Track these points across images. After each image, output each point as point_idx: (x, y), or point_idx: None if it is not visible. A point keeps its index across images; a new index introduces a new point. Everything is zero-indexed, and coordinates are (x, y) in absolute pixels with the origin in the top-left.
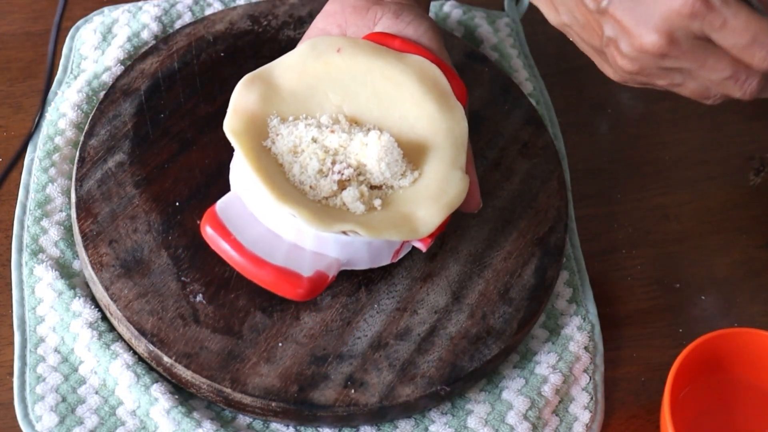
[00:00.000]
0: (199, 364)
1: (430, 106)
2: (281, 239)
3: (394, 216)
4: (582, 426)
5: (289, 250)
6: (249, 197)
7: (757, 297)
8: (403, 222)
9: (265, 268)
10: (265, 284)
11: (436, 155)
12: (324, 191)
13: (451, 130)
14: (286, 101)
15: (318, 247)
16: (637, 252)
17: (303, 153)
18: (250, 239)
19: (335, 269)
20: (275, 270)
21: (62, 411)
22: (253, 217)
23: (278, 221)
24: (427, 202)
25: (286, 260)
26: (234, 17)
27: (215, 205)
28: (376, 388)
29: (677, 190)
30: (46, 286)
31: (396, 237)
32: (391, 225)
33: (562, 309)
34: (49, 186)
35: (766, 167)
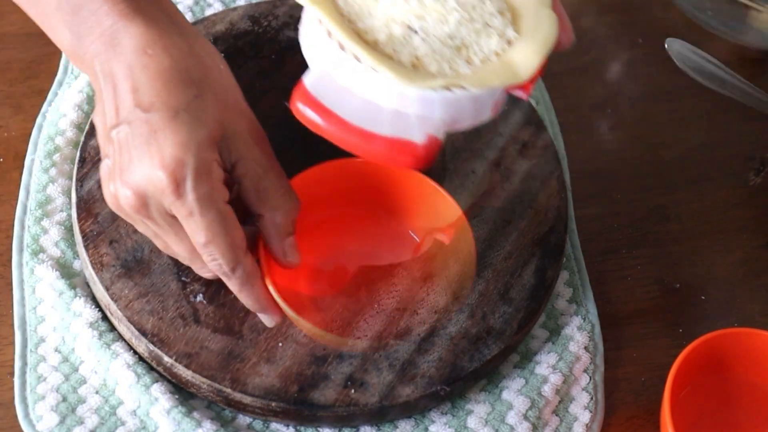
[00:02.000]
0: (200, 363)
1: None
2: (381, 108)
3: (491, 66)
4: (582, 426)
5: (393, 117)
6: (338, 70)
7: (757, 297)
8: (502, 69)
9: (375, 141)
10: (377, 157)
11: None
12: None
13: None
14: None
15: (422, 109)
16: (637, 252)
17: (385, 11)
18: (350, 113)
19: (442, 131)
20: (386, 141)
21: (63, 411)
22: (346, 89)
23: (376, 89)
24: (521, 45)
25: (394, 129)
26: (234, 18)
27: (303, 82)
28: (376, 388)
29: (677, 190)
30: (46, 286)
31: (499, 83)
32: (492, 73)
33: (562, 309)
34: (49, 186)
35: (765, 167)
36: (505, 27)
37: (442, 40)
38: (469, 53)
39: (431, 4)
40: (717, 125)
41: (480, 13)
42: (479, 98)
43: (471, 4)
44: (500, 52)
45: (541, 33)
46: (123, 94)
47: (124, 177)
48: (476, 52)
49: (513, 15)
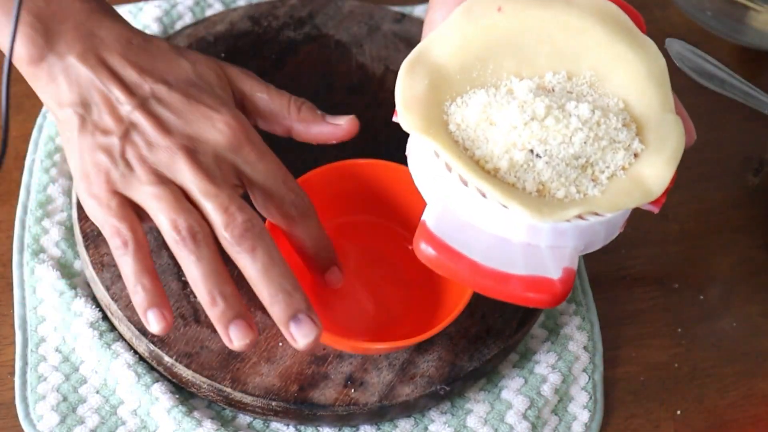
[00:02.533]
0: (200, 363)
1: (621, 48)
2: (511, 243)
3: (620, 183)
4: (581, 425)
5: (526, 252)
6: (461, 206)
7: (756, 296)
8: (633, 186)
9: (510, 282)
10: (513, 299)
11: (641, 103)
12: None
13: (650, 71)
14: (456, 81)
15: (555, 240)
16: (636, 252)
17: (505, 137)
18: (479, 252)
19: (576, 260)
20: (523, 281)
21: (63, 410)
22: (471, 226)
23: (504, 224)
24: (650, 158)
25: (528, 266)
26: (234, 18)
27: (425, 221)
28: (375, 387)
29: (676, 190)
30: (47, 286)
31: (632, 204)
32: (624, 194)
33: (561, 309)
34: (50, 186)
35: (764, 167)
36: (631, 140)
37: (567, 162)
38: (594, 171)
39: (554, 125)
40: (716, 125)
41: (605, 129)
42: (611, 221)
43: (595, 121)
44: (627, 166)
45: (669, 142)
46: (133, 76)
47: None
48: (602, 170)
49: (637, 125)
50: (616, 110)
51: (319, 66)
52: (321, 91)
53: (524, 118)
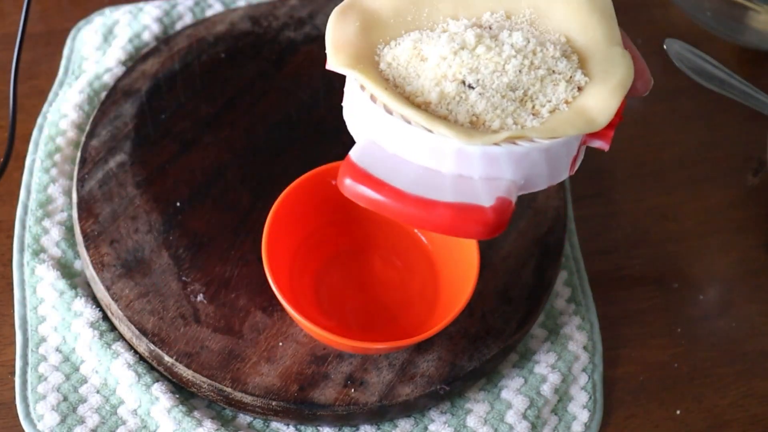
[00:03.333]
0: (200, 363)
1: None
2: (441, 174)
3: (561, 115)
4: (581, 425)
5: (456, 183)
6: (387, 138)
7: (756, 296)
8: (575, 116)
9: (437, 209)
10: (441, 228)
11: (583, 37)
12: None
13: (593, 5)
14: (390, 25)
15: (488, 170)
16: (635, 252)
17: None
18: (406, 182)
19: (515, 193)
20: (450, 208)
21: (63, 410)
22: (399, 158)
23: (432, 153)
24: (594, 89)
25: (457, 194)
26: (234, 18)
27: (349, 155)
28: (375, 387)
29: (676, 191)
30: (47, 286)
31: (573, 132)
32: (564, 122)
33: (561, 308)
34: (50, 186)
35: (764, 168)
36: (572, 71)
37: (503, 93)
38: (535, 105)
39: (484, 53)
40: (716, 125)
41: (542, 58)
42: (552, 152)
43: (530, 49)
44: (570, 99)
45: (615, 73)
46: None
47: None
48: (543, 103)
49: (581, 58)
50: (557, 43)
51: (319, 66)
52: (321, 91)
53: (453, 47)
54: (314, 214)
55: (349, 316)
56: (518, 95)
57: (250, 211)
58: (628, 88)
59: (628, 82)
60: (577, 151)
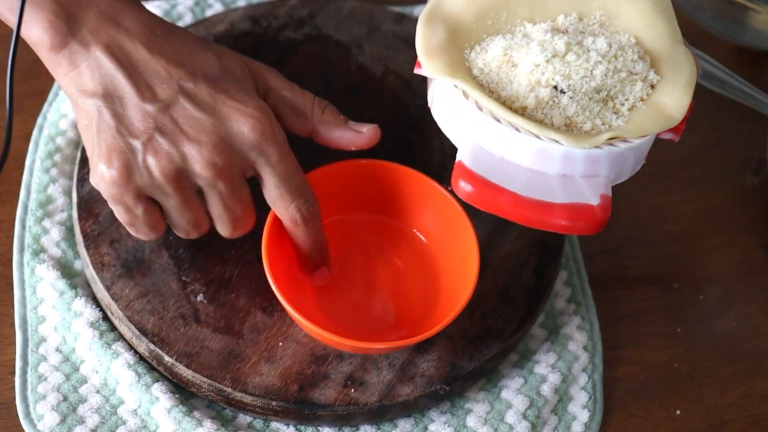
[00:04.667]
0: (200, 363)
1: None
2: (547, 175)
3: (641, 113)
4: (581, 425)
5: (563, 183)
6: (494, 143)
7: (756, 296)
8: (655, 114)
9: (554, 211)
10: (557, 228)
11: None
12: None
13: (656, 6)
14: (473, 30)
15: (589, 169)
16: (635, 252)
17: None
18: (518, 185)
19: (610, 188)
20: (566, 209)
21: (63, 410)
22: (506, 161)
23: (539, 156)
24: (667, 87)
25: (568, 195)
26: (234, 18)
27: (461, 160)
28: (375, 387)
29: (676, 191)
30: (47, 286)
31: (657, 129)
32: (647, 120)
33: (561, 308)
34: (50, 186)
35: (763, 168)
36: (647, 71)
37: (590, 96)
38: (615, 104)
39: (575, 60)
40: (716, 126)
41: (623, 62)
42: (639, 148)
43: (613, 54)
44: (645, 97)
45: (683, 71)
46: (159, 69)
47: (201, 138)
48: (623, 102)
49: (651, 58)
50: (629, 45)
51: (319, 66)
52: (321, 91)
53: (546, 55)
54: None
55: (349, 316)
56: (602, 96)
57: None
58: (695, 84)
59: (695, 79)
60: (651, 144)
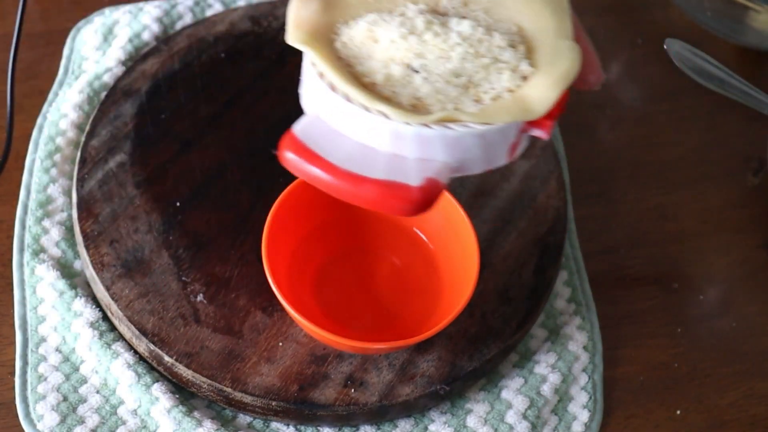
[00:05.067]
0: (200, 363)
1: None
2: (377, 152)
3: (501, 103)
4: (581, 425)
5: (389, 161)
6: (330, 114)
7: (756, 296)
8: (514, 105)
9: (365, 185)
10: (368, 203)
11: (535, 28)
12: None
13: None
14: (352, 5)
15: (422, 151)
16: (635, 252)
17: (384, 52)
18: (341, 157)
19: (446, 175)
20: (378, 185)
21: (63, 410)
22: (339, 134)
23: (370, 130)
24: (537, 80)
25: (388, 172)
26: (234, 18)
27: (292, 128)
28: (375, 387)
29: (676, 191)
30: (47, 286)
31: (507, 119)
32: (500, 109)
33: (561, 308)
34: (50, 186)
35: (764, 168)
36: (518, 61)
37: (447, 79)
38: (478, 91)
39: (431, 39)
40: (716, 125)
41: (488, 47)
42: (488, 138)
43: (477, 38)
44: (514, 88)
45: (559, 66)
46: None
47: None
48: (486, 90)
49: (530, 48)
50: (508, 32)
51: None
52: None
53: (402, 31)
54: (314, 214)
55: (349, 316)
56: (462, 82)
57: (250, 211)
58: (571, 80)
59: (571, 75)
60: (516, 139)
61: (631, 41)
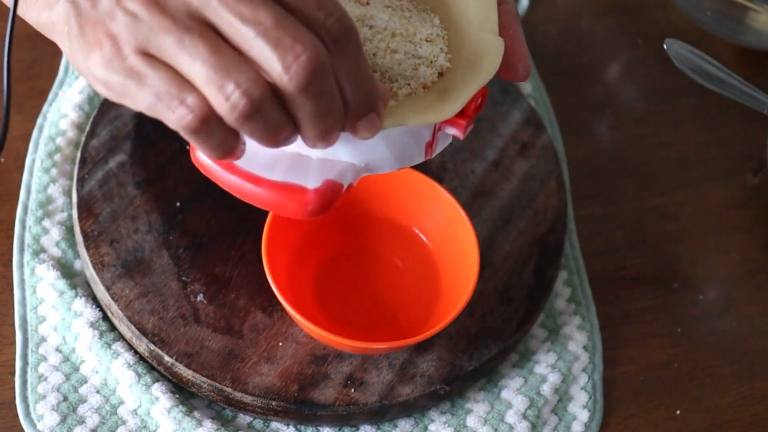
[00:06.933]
0: (200, 363)
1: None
2: (282, 152)
3: (413, 100)
4: (581, 425)
5: (291, 161)
6: None
7: (755, 296)
8: (423, 104)
9: (261, 186)
10: (265, 205)
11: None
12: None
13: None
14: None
15: (325, 152)
16: (635, 252)
17: None
18: (246, 158)
19: (351, 176)
20: (273, 186)
21: (64, 410)
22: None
23: None
24: (454, 77)
25: (288, 174)
26: None
27: None
28: (375, 387)
29: (676, 190)
30: (47, 286)
31: (412, 121)
32: (407, 110)
33: (561, 308)
34: (50, 186)
35: (764, 167)
36: (434, 56)
37: None
38: (393, 87)
39: None
40: (716, 125)
41: (401, 42)
42: (393, 138)
43: (390, 32)
44: (430, 84)
45: (477, 63)
46: None
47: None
48: (402, 86)
49: (450, 42)
50: (427, 25)
51: None
52: None
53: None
54: None
55: (349, 316)
56: (376, 77)
57: (250, 211)
58: (488, 79)
59: (488, 74)
60: (432, 137)
61: (630, 42)
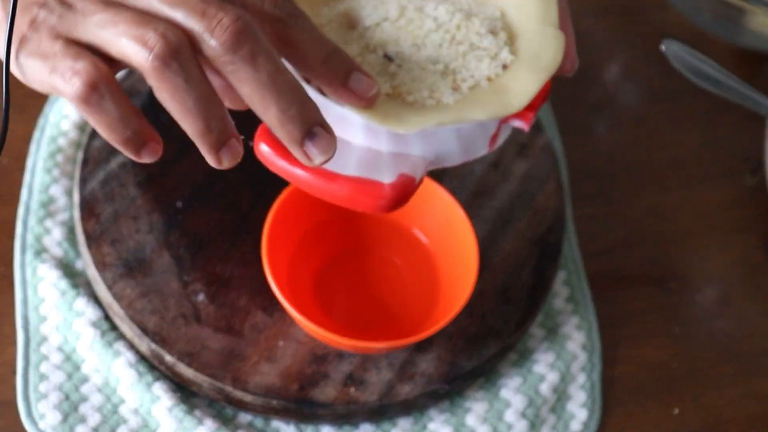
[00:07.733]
0: (201, 362)
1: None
2: (351, 146)
3: (480, 94)
4: (579, 424)
5: (362, 156)
6: None
7: (754, 297)
8: (492, 98)
9: (336, 182)
10: (340, 200)
11: (518, 13)
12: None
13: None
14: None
15: (396, 146)
16: (634, 251)
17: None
18: None
19: (422, 170)
20: (349, 182)
21: (65, 409)
22: None
23: (344, 124)
24: (518, 70)
25: (360, 168)
26: None
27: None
28: (375, 386)
29: (674, 191)
30: (49, 286)
31: (484, 115)
32: (477, 104)
33: (560, 308)
34: (52, 186)
35: (761, 168)
36: (498, 48)
37: (423, 66)
38: (456, 79)
39: (405, 26)
40: (713, 126)
41: (465, 34)
42: (464, 131)
43: (454, 24)
44: (493, 77)
45: (541, 56)
46: None
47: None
48: (465, 78)
49: (512, 35)
50: (489, 17)
51: None
52: None
53: (375, 18)
54: (314, 214)
55: (349, 316)
56: (439, 69)
57: (250, 211)
58: (553, 72)
59: (553, 66)
60: (497, 129)
61: (629, 42)
